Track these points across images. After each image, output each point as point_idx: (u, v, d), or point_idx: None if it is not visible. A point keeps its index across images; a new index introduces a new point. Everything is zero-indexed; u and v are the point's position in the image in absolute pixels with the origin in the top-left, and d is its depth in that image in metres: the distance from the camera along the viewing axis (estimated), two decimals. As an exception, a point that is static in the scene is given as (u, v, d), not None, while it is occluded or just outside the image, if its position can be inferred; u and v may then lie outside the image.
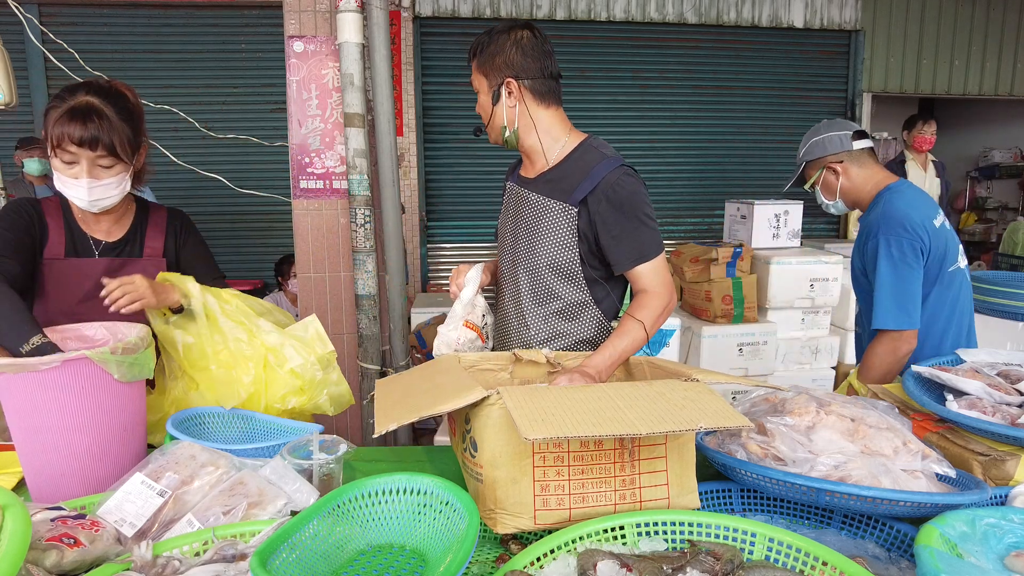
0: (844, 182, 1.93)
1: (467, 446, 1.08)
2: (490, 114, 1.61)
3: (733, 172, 5.42)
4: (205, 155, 4.06)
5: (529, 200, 1.64)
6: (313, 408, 1.52)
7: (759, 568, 0.85)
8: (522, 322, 1.65)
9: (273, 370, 1.46)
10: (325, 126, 2.72)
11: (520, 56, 1.55)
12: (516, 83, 1.56)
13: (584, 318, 1.64)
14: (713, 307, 3.44)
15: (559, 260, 1.59)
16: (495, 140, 1.66)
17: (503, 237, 1.74)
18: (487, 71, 1.58)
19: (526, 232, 1.64)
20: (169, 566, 0.86)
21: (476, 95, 1.64)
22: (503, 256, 1.73)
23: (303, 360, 1.48)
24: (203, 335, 1.43)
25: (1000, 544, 0.90)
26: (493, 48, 1.56)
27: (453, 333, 1.54)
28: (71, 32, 4.38)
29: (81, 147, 1.38)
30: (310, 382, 1.49)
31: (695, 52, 5.21)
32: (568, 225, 1.57)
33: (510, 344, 1.69)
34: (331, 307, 2.88)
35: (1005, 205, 7.19)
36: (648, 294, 1.53)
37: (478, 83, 1.62)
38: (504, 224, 1.75)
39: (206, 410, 1.40)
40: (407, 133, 4.77)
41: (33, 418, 1.10)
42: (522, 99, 1.57)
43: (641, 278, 1.55)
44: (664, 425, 0.91)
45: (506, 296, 1.71)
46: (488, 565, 0.99)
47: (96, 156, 1.40)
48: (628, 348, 1.45)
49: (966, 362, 1.47)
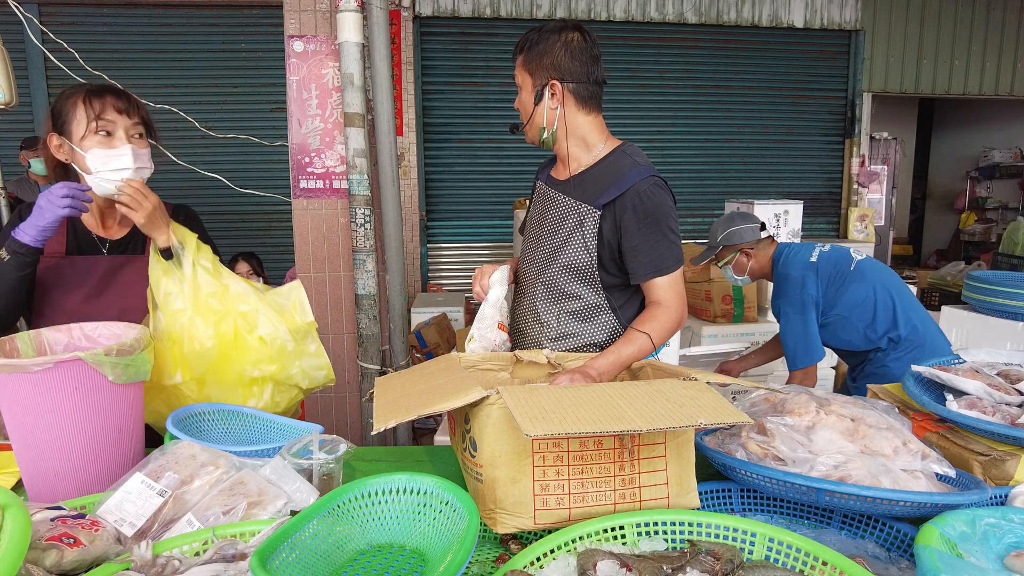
0: (753, 263, 2.51)
1: (467, 446, 1.08)
2: (530, 113, 1.58)
3: (733, 172, 5.43)
4: (205, 155, 4.07)
5: (556, 201, 1.64)
6: (286, 380, 1.47)
7: (759, 568, 0.85)
8: (536, 319, 1.65)
9: (243, 336, 1.43)
10: (325, 126, 2.72)
11: (568, 59, 1.53)
12: (560, 86, 1.54)
13: (598, 321, 1.63)
14: (713, 307, 3.44)
15: (577, 261, 1.58)
16: (532, 139, 1.64)
17: (527, 235, 1.74)
18: (532, 69, 1.55)
19: (549, 232, 1.64)
20: (169, 566, 0.86)
21: (515, 91, 1.62)
22: (525, 253, 1.73)
23: (273, 328, 1.43)
24: (185, 283, 1.43)
25: (1000, 544, 0.90)
26: (542, 47, 1.53)
27: (490, 334, 1.52)
28: (71, 32, 4.39)
29: (120, 115, 1.43)
30: (280, 351, 1.44)
31: (695, 52, 5.21)
32: (591, 228, 1.56)
33: (524, 342, 1.68)
34: (331, 307, 2.88)
35: (1005, 205, 7.19)
36: (660, 307, 1.53)
37: (521, 79, 1.58)
38: (530, 223, 1.75)
39: (207, 407, 1.40)
40: (407, 133, 4.78)
41: (27, 418, 1.10)
42: (563, 103, 1.56)
43: (655, 290, 1.55)
44: (664, 422, 0.91)
45: (524, 293, 1.71)
46: (488, 565, 0.99)
47: (132, 124, 1.45)
48: (632, 356, 1.45)
49: (966, 362, 1.47)
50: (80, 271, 1.49)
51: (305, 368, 1.49)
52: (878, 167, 5.75)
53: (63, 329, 1.29)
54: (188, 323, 1.40)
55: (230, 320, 1.43)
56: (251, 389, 1.47)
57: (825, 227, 5.70)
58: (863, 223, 5.39)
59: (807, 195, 5.39)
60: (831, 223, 5.70)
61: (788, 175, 5.53)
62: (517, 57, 1.59)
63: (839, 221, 5.71)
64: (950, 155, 7.87)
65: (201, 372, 1.41)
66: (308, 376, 1.50)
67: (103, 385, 1.13)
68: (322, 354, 1.52)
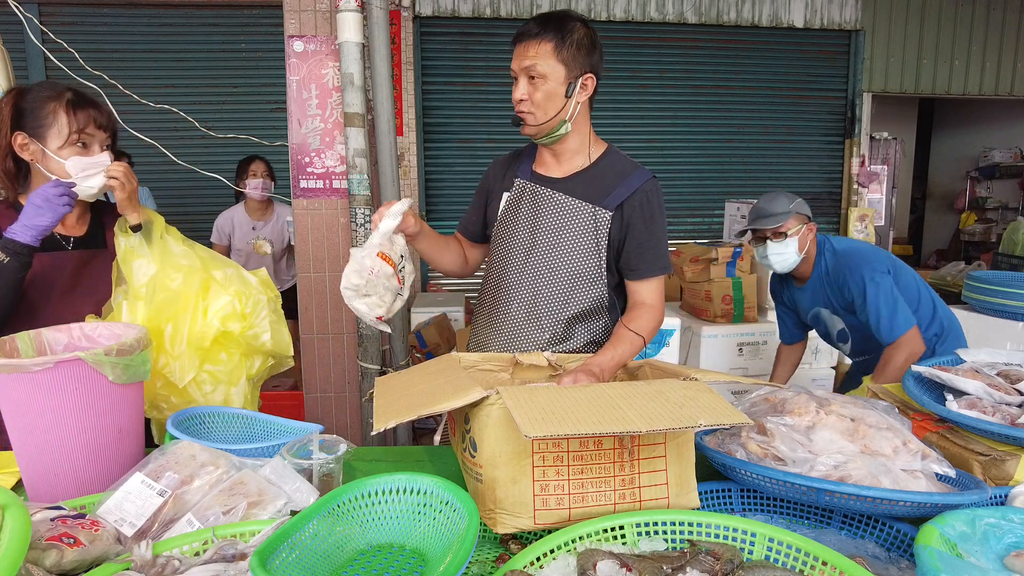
0: (810, 242, 2.31)
1: (467, 446, 1.08)
2: (556, 105, 1.50)
3: (733, 172, 5.42)
4: (205, 155, 4.06)
5: (554, 200, 1.59)
6: (253, 339, 1.49)
7: (759, 568, 0.85)
8: (537, 323, 1.61)
9: (212, 290, 1.47)
10: (325, 126, 2.73)
11: (598, 54, 1.53)
12: (593, 80, 1.53)
13: (600, 322, 1.64)
14: (713, 307, 3.44)
15: (584, 263, 1.57)
16: (541, 131, 1.54)
17: (511, 235, 1.65)
18: (568, 59, 1.48)
19: (548, 233, 1.59)
20: (169, 566, 0.86)
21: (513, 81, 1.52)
22: (509, 255, 1.65)
23: (244, 285, 1.49)
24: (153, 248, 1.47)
25: (1000, 544, 0.90)
26: (578, 37, 1.49)
27: (367, 261, 1.36)
28: (71, 32, 4.38)
29: (99, 129, 1.48)
30: (255, 306, 1.49)
31: (695, 52, 5.20)
32: (601, 229, 1.56)
33: (520, 344, 1.63)
34: (331, 307, 2.88)
35: (1005, 205, 7.18)
36: (649, 308, 1.58)
37: (549, 68, 1.47)
38: (515, 222, 1.65)
39: (206, 410, 1.40)
40: (407, 133, 4.77)
41: (27, 418, 1.10)
42: (587, 97, 1.55)
43: (646, 291, 1.59)
44: (664, 423, 0.91)
45: (513, 296, 1.64)
46: (488, 565, 0.99)
47: (106, 136, 1.50)
48: (629, 356, 1.48)
49: (966, 362, 1.47)
50: (51, 269, 1.51)
51: (274, 334, 1.52)
52: (878, 167, 5.75)
53: (63, 329, 1.29)
54: (156, 277, 1.42)
55: (198, 276, 1.45)
56: (218, 352, 1.49)
57: (825, 227, 5.70)
58: (863, 223, 5.39)
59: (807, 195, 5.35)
60: (831, 223, 5.70)
61: (788, 175, 5.53)
62: (544, 43, 1.47)
63: (839, 221, 5.70)
64: (950, 155, 7.86)
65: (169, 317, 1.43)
66: (276, 341, 1.52)
67: (103, 385, 1.13)
68: (283, 324, 1.55)
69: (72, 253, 1.55)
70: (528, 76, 1.49)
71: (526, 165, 1.68)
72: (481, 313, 1.75)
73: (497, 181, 1.72)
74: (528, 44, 1.48)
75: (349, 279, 1.35)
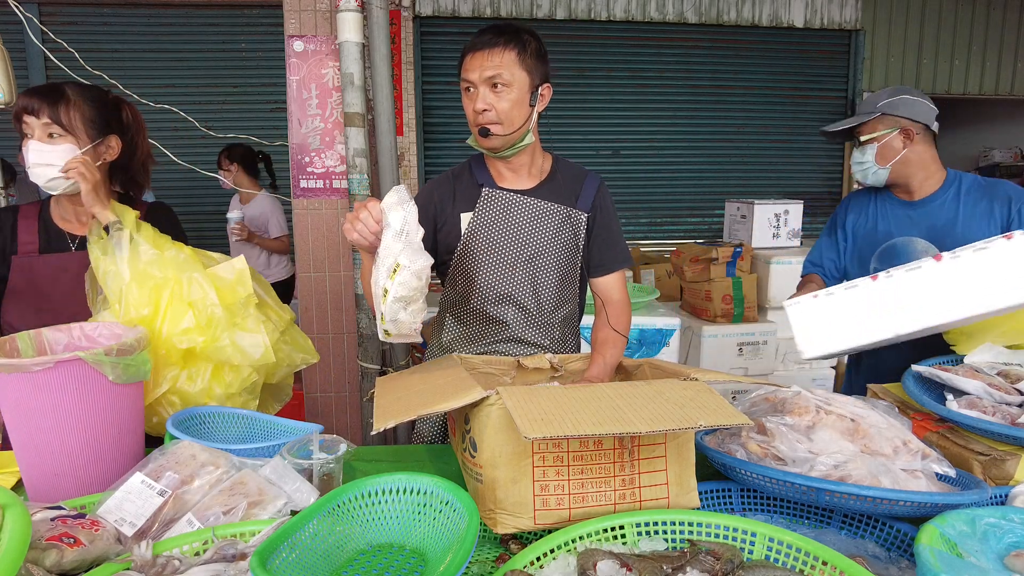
0: (909, 152, 1.81)
1: (467, 446, 1.08)
2: (522, 114, 1.48)
3: (733, 172, 5.42)
4: (205, 155, 4.06)
5: (534, 206, 1.57)
6: (215, 352, 1.37)
7: (759, 568, 0.85)
8: (539, 330, 1.61)
9: (175, 304, 1.36)
10: (325, 126, 2.73)
11: (548, 62, 1.54)
12: (550, 91, 1.54)
13: (576, 322, 1.73)
14: (713, 307, 3.44)
15: (568, 266, 1.61)
16: (507, 143, 1.51)
17: (489, 246, 1.56)
18: (531, 67, 1.47)
19: (533, 238, 1.57)
20: (169, 566, 0.86)
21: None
22: (495, 265, 1.57)
23: (202, 293, 1.37)
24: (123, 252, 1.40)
25: (1000, 544, 0.90)
26: (538, 47, 1.49)
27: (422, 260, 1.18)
28: (71, 32, 4.38)
29: (31, 115, 1.45)
30: (208, 320, 1.36)
31: (695, 52, 5.20)
32: (579, 230, 1.61)
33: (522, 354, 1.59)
34: (331, 306, 2.88)
35: (1005, 205, 7.18)
36: (621, 303, 1.64)
37: (514, 77, 1.44)
38: (488, 234, 1.57)
39: (207, 410, 1.40)
40: (407, 133, 4.77)
41: (27, 418, 1.10)
42: (543, 108, 1.55)
43: (614, 287, 1.65)
44: (664, 424, 0.91)
45: (507, 307, 1.58)
46: (488, 565, 0.99)
47: (42, 124, 1.46)
48: (619, 357, 1.55)
49: (966, 362, 1.47)
50: (53, 268, 1.52)
51: (238, 343, 1.39)
52: (878, 167, 5.75)
53: (63, 329, 1.29)
54: (125, 291, 1.36)
55: (168, 289, 1.37)
56: (187, 367, 1.39)
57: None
58: (863, 223, 5.39)
59: (807, 195, 5.37)
60: (831, 223, 5.70)
61: (788, 175, 5.53)
62: (503, 51, 1.44)
63: (839, 221, 5.71)
64: (950, 155, 7.86)
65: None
66: (241, 352, 1.39)
67: (103, 385, 1.13)
68: (260, 331, 1.42)
69: (76, 254, 1.55)
70: (491, 85, 1.45)
71: (484, 179, 1.60)
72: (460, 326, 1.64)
73: (447, 204, 1.61)
74: (491, 52, 1.44)
75: (409, 285, 1.15)
